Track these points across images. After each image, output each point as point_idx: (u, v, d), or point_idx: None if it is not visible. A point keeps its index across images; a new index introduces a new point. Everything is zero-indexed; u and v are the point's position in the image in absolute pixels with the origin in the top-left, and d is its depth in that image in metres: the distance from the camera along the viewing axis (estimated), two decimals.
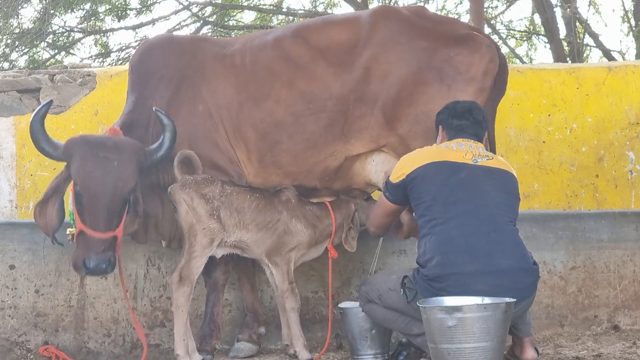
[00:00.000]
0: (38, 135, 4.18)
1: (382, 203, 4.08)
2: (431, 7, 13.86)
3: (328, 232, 4.52)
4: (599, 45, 14.18)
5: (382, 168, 4.46)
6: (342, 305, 4.37)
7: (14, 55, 13.03)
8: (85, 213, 4.12)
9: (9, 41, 12.70)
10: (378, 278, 4.12)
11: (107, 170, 4.13)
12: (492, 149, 4.53)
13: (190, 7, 13.39)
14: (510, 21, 17.38)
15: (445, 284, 3.67)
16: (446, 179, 3.81)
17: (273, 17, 14.26)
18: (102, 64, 13.30)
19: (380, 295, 4.02)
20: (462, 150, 3.91)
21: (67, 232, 4.45)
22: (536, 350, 4.00)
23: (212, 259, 4.43)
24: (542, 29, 14.19)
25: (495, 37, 14.50)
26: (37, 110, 4.21)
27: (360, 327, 4.23)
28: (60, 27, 13.23)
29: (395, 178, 3.95)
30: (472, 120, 4.01)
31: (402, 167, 3.93)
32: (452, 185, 3.80)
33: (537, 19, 14.68)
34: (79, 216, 4.13)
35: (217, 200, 4.30)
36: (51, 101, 4.30)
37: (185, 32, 13.22)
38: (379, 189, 4.42)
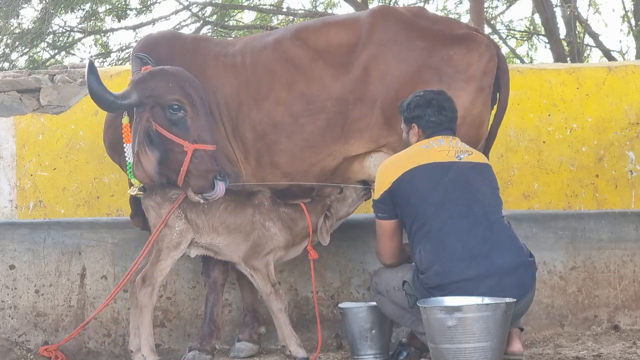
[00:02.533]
0: (102, 91, 4.10)
1: (381, 228, 3.96)
2: (431, 7, 13.88)
3: (305, 234, 4.45)
4: (599, 45, 14.19)
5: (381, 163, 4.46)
6: (342, 305, 4.36)
7: (14, 55, 13.06)
8: (197, 131, 4.17)
9: (9, 41, 12.70)
10: (387, 273, 4.04)
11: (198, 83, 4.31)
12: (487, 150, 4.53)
13: (190, 7, 13.41)
14: (510, 21, 17.45)
15: (447, 291, 3.65)
16: (437, 182, 3.75)
17: (273, 17, 14.27)
18: (102, 64, 13.31)
19: (387, 291, 4.01)
20: (444, 148, 3.85)
21: (131, 190, 4.39)
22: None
23: (211, 258, 4.43)
24: (542, 29, 14.20)
25: (495, 37, 14.51)
26: (88, 70, 4.10)
27: (360, 327, 4.23)
28: (60, 27, 13.25)
29: (379, 192, 3.88)
30: (449, 115, 3.96)
31: (384, 178, 3.86)
32: (443, 187, 3.75)
33: (537, 19, 14.70)
34: (187, 140, 4.14)
35: (184, 202, 4.27)
36: (92, 61, 4.21)
37: (186, 32, 13.22)
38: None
